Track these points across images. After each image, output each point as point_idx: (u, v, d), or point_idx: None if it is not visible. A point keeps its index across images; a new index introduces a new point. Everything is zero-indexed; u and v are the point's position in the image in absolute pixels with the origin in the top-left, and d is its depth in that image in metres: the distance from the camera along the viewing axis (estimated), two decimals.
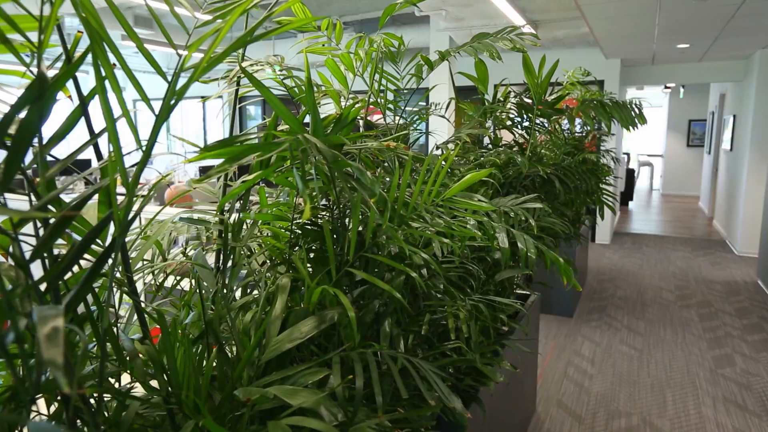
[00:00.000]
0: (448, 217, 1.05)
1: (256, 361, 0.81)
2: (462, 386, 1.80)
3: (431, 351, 1.17)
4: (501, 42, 1.55)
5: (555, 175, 2.16)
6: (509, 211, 1.39)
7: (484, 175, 0.94)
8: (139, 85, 0.61)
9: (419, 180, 0.88)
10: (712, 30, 5.12)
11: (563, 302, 4.58)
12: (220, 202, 0.70)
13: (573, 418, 2.97)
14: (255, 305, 0.94)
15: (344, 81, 1.30)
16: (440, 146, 1.74)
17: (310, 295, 0.85)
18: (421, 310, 1.16)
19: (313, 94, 0.83)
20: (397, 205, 0.85)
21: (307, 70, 0.84)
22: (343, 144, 0.79)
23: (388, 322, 1.00)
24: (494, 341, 1.78)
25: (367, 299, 1.09)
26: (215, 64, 0.58)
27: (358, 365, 0.80)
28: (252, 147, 0.62)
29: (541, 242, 1.80)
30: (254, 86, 0.80)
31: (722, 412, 3.03)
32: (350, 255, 0.86)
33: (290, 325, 0.88)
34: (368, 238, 0.90)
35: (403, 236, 1.19)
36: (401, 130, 2.05)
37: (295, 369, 0.80)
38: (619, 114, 1.99)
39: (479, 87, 2.48)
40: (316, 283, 0.92)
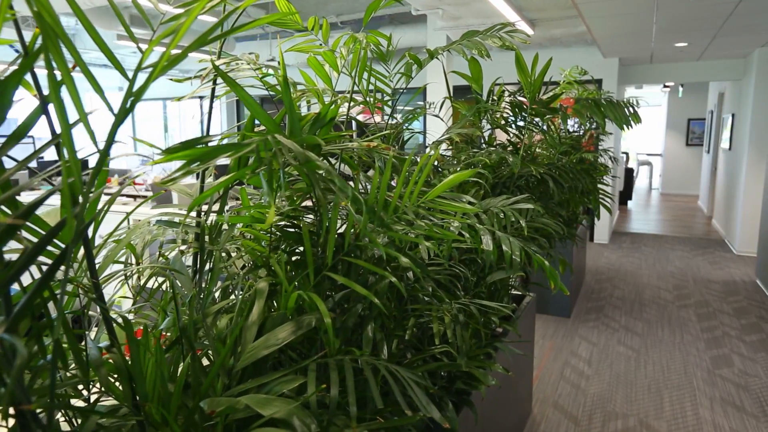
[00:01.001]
0: (433, 219, 1.03)
1: (231, 368, 0.78)
2: (455, 389, 1.78)
3: (418, 355, 1.15)
4: (490, 40, 1.53)
5: (549, 174, 2.13)
6: (499, 212, 1.37)
7: (467, 176, 0.91)
8: (96, 82, 0.58)
9: (399, 182, 0.85)
10: (710, 28, 5.09)
11: (560, 302, 4.56)
12: (190, 205, 0.67)
13: (569, 420, 2.95)
14: (232, 310, 0.92)
15: (328, 80, 1.27)
16: (429, 146, 1.71)
17: (287, 299, 0.83)
18: (408, 314, 1.13)
19: (289, 93, 0.81)
20: (377, 207, 0.83)
21: (282, 67, 0.81)
22: (318, 144, 0.77)
23: (371, 327, 0.97)
24: (486, 344, 1.76)
25: (351, 303, 1.06)
26: (175, 62, 0.55)
27: (333, 373, 0.78)
28: (216, 149, 0.59)
29: (534, 243, 1.77)
30: (227, 85, 0.78)
31: (719, 413, 3.01)
32: (329, 258, 0.84)
33: (267, 331, 0.86)
34: (347, 241, 0.87)
35: (389, 239, 1.17)
36: (392, 130, 2.02)
37: (271, 376, 0.77)
38: (613, 113, 1.97)
39: (473, 86, 2.46)
40: (296, 287, 0.90)
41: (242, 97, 0.77)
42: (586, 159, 4.08)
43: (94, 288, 0.69)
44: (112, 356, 0.70)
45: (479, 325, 1.60)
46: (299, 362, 0.85)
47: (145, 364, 0.72)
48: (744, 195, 6.56)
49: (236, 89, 0.77)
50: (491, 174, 2.13)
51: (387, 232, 0.85)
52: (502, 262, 1.86)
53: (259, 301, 0.85)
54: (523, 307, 2.73)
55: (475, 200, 1.76)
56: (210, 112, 0.89)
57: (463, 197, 1.33)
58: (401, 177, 0.85)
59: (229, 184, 0.71)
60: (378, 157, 1.14)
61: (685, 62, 7.43)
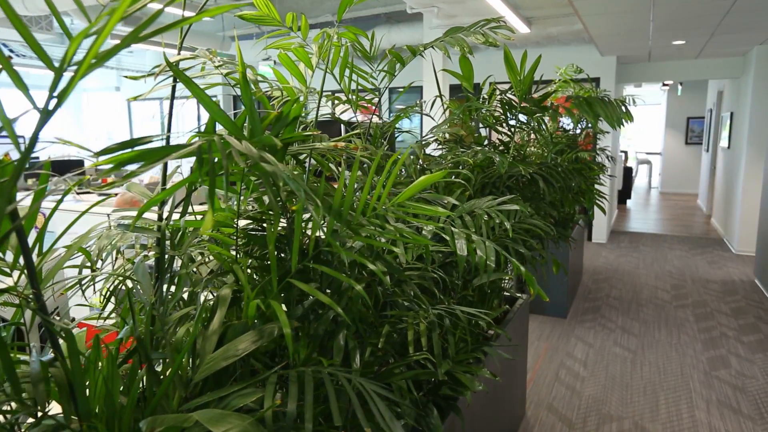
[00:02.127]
0: (411, 222, 0.99)
1: (188, 380, 0.74)
2: (442, 393, 1.74)
3: (396, 363, 1.11)
4: (474, 36, 1.48)
5: (539, 174, 2.09)
6: (482, 214, 1.32)
7: (437, 178, 0.87)
8: (19, 78, 0.54)
9: (366, 184, 0.81)
10: (708, 26, 5.04)
11: (557, 303, 4.52)
12: (139, 210, 0.63)
13: (563, 423, 2.91)
14: None
15: (301, 77, 1.23)
16: (412, 146, 1.67)
17: (248, 308, 0.79)
18: (383, 320, 1.09)
19: (248, 91, 0.77)
20: (343, 210, 0.79)
21: (241, 63, 0.77)
22: (276, 145, 0.73)
23: (342, 335, 0.93)
24: (473, 348, 1.72)
25: (325, 309, 1.02)
26: (105, 59, 0.51)
27: (293, 386, 0.74)
28: (151, 151, 0.55)
29: (522, 245, 1.73)
30: (183, 83, 0.74)
31: (716, 415, 2.97)
32: (293, 264, 0.80)
33: (228, 340, 0.82)
34: (311, 246, 0.83)
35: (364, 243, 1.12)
36: (380, 130, 1.98)
37: (229, 389, 0.74)
38: (604, 111, 1.92)
39: (464, 84, 2.42)
40: (263, 294, 0.86)
41: (197, 95, 0.73)
42: (582, 158, 4.04)
43: (35, 297, 0.65)
44: (54, 371, 0.66)
45: (462, 331, 1.56)
46: (263, 373, 0.81)
47: (94, 377, 0.68)
48: (743, 194, 6.51)
49: (191, 87, 0.73)
50: (480, 174, 2.09)
51: (354, 237, 0.81)
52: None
53: (221, 309, 0.81)
54: (516, 309, 2.69)
55: (461, 201, 1.72)
56: (170, 111, 0.85)
57: (445, 199, 1.29)
58: (368, 179, 0.81)
59: (181, 188, 0.67)
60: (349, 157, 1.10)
61: (683, 60, 7.38)
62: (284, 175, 0.59)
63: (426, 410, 1.58)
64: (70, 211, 3.39)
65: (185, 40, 7.12)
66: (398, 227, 0.84)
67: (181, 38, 0.84)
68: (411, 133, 2.00)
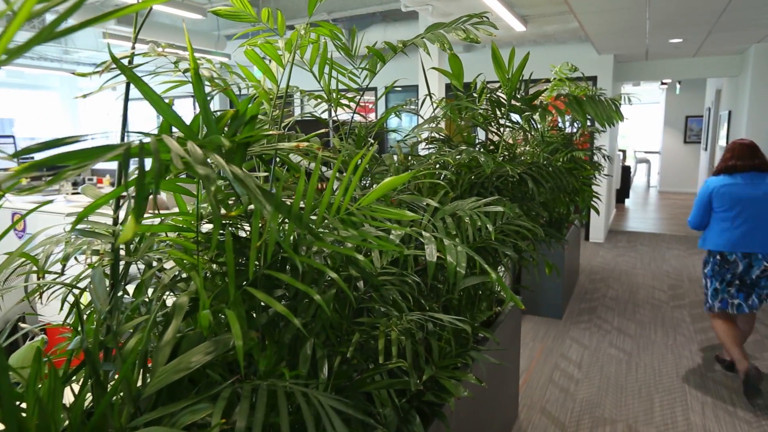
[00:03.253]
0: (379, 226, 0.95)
1: (138, 395, 0.70)
2: (425, 399, 1.70)
3: (371, 371, 1.07)
4: (454, 32, 1.44)
5: (528, 174, 2.05)
6: (465, 216, 1.28)
7: (402, 180, 0.83)
8: None
9: (328, 187, 0.77)
10: (705, 24, 5.00)
11: (552, 304, 4.48)
12: (79, 215, 0.59)
13: (556, 426, 2.87)
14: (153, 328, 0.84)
15: (271, 75, 1.19)
16: (393, 146, 1.63)
17: (204, 317, 0.75)
18: (358, 327, 1.05)
19: (202, 89, 0.72)
20: (303, 214, 0.75)
21: (192, 60, 0.73)
22: (229, 145, 0.69)
23: (310, 344, 0.89)
24: (457, 353, 1.67)
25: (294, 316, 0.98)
26: (13, 57, 0.47)
27: (244, 402, 0.69)
28: (69, 154, 0.51)
29: (510, 247, 1.69)
30: (129, 79, 0.69)
31: (711, 418, 2.93)
32: (249, 272, 0.76)
33: (182, 351, 0.78)
34: (269, 252, 0.79)
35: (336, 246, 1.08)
36: (367, 129, 1.94)
37: (180, 404, 0.69)
38: (594, 110, 1.88)
39: (453, 82, 2.37)
40: (222, 301, 0.82)
41: (144, 92, 0.69)
42: (578, 157, 4.00)
43: None
44: None
45: (447, 336, 1.52)
46: (219, 385, 0.77)
47: (33, 394, 0.64)
48: None
49: (138, 84, 0.69)
50: (468, 174, 2.05)
51: (315, 243, 0.77)
52: (475, 268, 1.78)
53: (176, 319, 0.77)
54: (507, 311, 2.65)
55: (445, 203, 1.68)
56: (125, 109, 0.81)
57: (424, 201, 1.25)
58: (330, 182, 0.77)
59: (123, 192, 0.63)
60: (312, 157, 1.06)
61: (681, 59, 7.34)
62: (246, 179, 0.55)
63: (408, 417, 1.54)
64: (56, 213, 3.35)
65: (177, 40, 7.06)
66: (364, 231, 0.80)
67: (136, 30, 0.80)
68: (398, 131, 1.95)
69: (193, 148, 0.60)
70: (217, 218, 0.55)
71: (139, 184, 0.48)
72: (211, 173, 0.52)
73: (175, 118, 0.69)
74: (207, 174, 0.52)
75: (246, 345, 0.76)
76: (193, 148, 0.60)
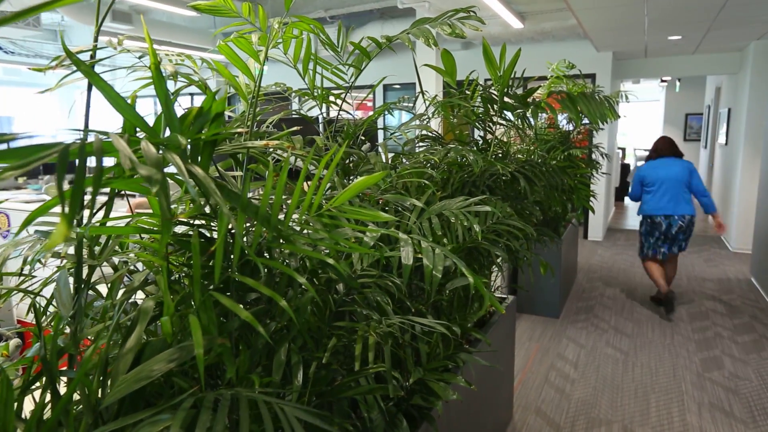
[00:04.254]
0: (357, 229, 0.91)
1: (97, 405, 0.67)
2: (413, 403, 1.67)
3: (351, 376, 1.04)
4: (440, 28, 1.41)
5: (520, 172, 2.02)
6: (451, 216, 1.25)
7: (375, 180, 0.80)
8: None
9: (297, 186, 0.74)
10: (704, 21, 4.96)
11: (550, 302, 4.45)
12: (25, 220, 0.56)
13: (550, 427, 2.84)
14: (117, 334, 0.81)
15: (247, 71, 1.16)
16: (378, 145, 1.59)
17: (166, 323, 0.72)
18: (335, 332, 1.02)
19: (164, 85, 0.69)
20: (272, 215, 0.72)
21: (152, 54, 0.70)
22: (186, 143, 0.66)
23: (284, 349, 0.86)
24: (446, 356, 1.64)
25: (269, 321, 0.95)
26: None
27: (204, 413, 0.66)
28: (7, 153, 0.48)
29: (500, 248, 1.66)
30: (83, 74, 0.66)
31: (707, 419, 2.90)
32: (215, 277, 0.73)
33: (145, 359, 0.75)
34: (237, 255, 0.76)
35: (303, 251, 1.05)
36: (356, 127, 1.90)
37: (140, 415, 0.66)
38: (587, 107, 1.85)
39: (446, 79, 2.34)
40: (191, 306, 0.79)
41: (102, 88, 0.66)
42: (575, 155, 3.96)
43: None
44: None
45: (437, 338, 1.49)
46: (197, 394, 0.74)
47: None
48: (740, 191, 6.44)
49: (95, 79, 0.65)
50: (460, 172, 2.01)
51: (283, 246, 0.73)
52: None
53: (141, 324, 0.74)
54: None
55: (433, 202, 1.65)
56: (87, 106, 0.78)
57: (408, 200, 1.22)
58: (299, 181, 0.73)
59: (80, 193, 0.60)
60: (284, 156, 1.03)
61: (680, 56, 7.29)
62: (205, 178, 0.52)
63: (395, 421, 1.51)
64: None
65: (173, 37, 7.02)
66: (335, 234, 0.77)
67: (98, 22, 0.77)
68: (387, 129, 1.92)
69: (148, 147, 0.57)
70: (167, 221, 0.52)
71: (77, 186, 0.45)
72: (155, 174, 0.49)
73: (135, 115, 0.66)
74: (150, 175, 0.49)
75: (214, 351, 0.73)
76: (147, 148, 0.57)
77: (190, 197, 0.88)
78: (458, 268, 2.08)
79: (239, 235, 0.70)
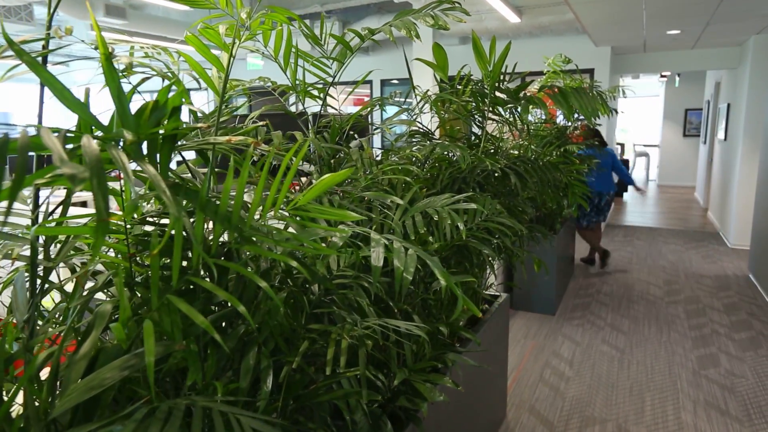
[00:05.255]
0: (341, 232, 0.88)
1: (44, 417, 0.64)
2: (399, 404, 1.64)
3: (326, 380, 1.00)
4: (422, 19, 1.37)
5: (511, 168, 1.98)
6: (433, 214, 1.22)
7: (341, 177, 0.76)
8: None
9: (259, 186, 0.70)
10: (703, 15, 4.90)
11: (546, 299, 4.41)
12: None
13: (544, 426, 2.81)
14: None
15: (218, 63, 1.12)
16: (361, 141, 1.56)
17: (118, 329, 0.68)
18: (307, 335, 0.99)
19: (116, 77, 0.66)
20: (232, 215, 0.68)
21: (101, 44, 0.66)
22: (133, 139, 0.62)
23: (253, 353, 0.83)
24: (432, 356, 1.61)
25: (239, 323, 0.92)
26: None
27: (155, 425, 0.63)
28: None
29: (488, 246, 1.62)
30: (27, 65, 0.62)
31: (702, 417, 2.87)
32: (174, 280, 0.69)
33: (100, 366, 0.71)
34: (195, 258, 0.73)
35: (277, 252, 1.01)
36: (341, 122, 1.86)
37: (86, 427, 0.63)
38: (579, 102, 1.81)
39: (438, 74, 2.30)
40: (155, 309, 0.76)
41: (47, 80, 0.62)
42: (571, 151, 3.92)
43: None
44: None
45: (415, 342, 1.46)
46: (157, 402, 0.70)
47: None
48: (738, 186, 6.40)
49: (38, 70, 0.62)
50: (449, 169, 1.97)
51: (244, 247, 0.70)
52: (452, 268, 1.71)
53: (96, 329, 0.70)
54: (494, 309, 2.59)
55: (418, 200, 1.61)
56: (41, 101, 0.74)
57: (388, 198, 1.18)
58: (261, 180, 0.70)
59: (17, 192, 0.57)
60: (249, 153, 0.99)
61: (679, 51, 7.24)
62: (155, 176, 0.48)
63: (380, 423, 1.48)
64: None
65: (168, 32, 6.97)
66: (298, 235, 0.73)
67: (50, 11, 0.73)
68: (373, 125, 1.88)
69: (89, 143, 0.53)
70: (102, 222, 0.48)
71: (15, 183, 0.42)
72: (79, 172, 0.45)
73: (82, 109, 0.62)
74: (74, 173, 0.45)
75: (173, 357, 0.70)
76: (87, 144, 0.53)
77: (155, 194, 0.85)
78: (453, 264, 2.04)
79: (198, 237, 0.67)
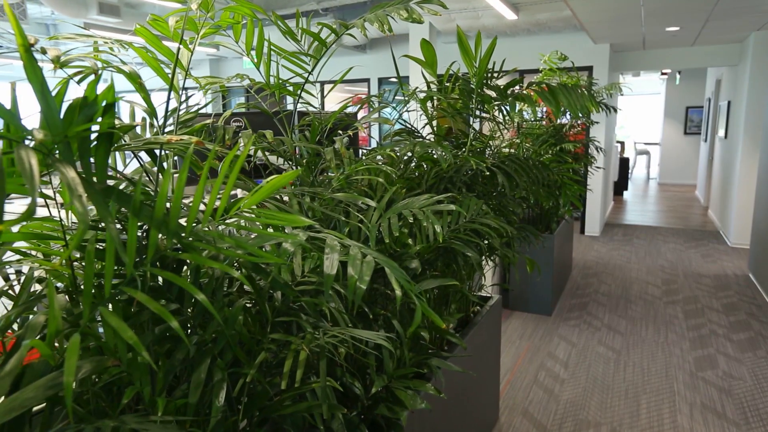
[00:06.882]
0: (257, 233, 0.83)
1: None
2: (378, 413, 1.59)
3: (288, 392, 0.95)
4: (396, 12, 1.32)
5: (499, 168, 1.92)
6: (408, 216, 1.16)
7: (288, 179, 0.71)
8: None
9: (199, 188, 0.65)
10: (702, 11, 4.83)
11: (542, 300, 4.36)
12: None
13: (537, 429, 2.76)
14: None
15: (168, 52, 1.07)
16: (336, 139, 1.50)
17: (40, 344, 0.63)
18: (263, 347, 0.94)
19: (38, 72, 0.61)
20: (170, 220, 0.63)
21: (19, 35, 0.61)
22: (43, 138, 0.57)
23: (204, 366, 0.78)
24: (414, 362, 1.56)
25: (193, 334, 0.87)
26: None
27: None
28: None
29: (471, 248, 1.57)
30: None
31: (698, 420, 2.81)
32: (106, 289, 0.65)
33: (26, 384, 0.67)
34: (130, 265, 0.68)
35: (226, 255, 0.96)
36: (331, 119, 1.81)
37: None
38: (567, 99, 1.75)
39: (427, 71, 2.24)
40: (92, 320, 0.71)
41: None
42: (567, 150, 3.86)
43: None
44: None
45: (408, 343, 1.41)
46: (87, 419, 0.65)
47: None
48: (738, 185, 6.33)
49: None
50: (434, 168, 1.92)
51: (183, 255, 0.65)
52: (435, 271, 1.66)
53: (26, 344, 0.66)
54: (485, 311, 2.54)
55: (396, 201, 1.56)
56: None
57: (359, 200, 1.13)
58: (201, 182, 0.65)
59: None
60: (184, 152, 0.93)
61: (679, 48, 7.16)
62: (73, 180, 0.43)
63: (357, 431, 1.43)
64: None
65: None
66: (243, 242, 0.69)
67: None
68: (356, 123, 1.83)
69: None
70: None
71: None
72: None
73: (4, 112, 0.57)
74: None
75: (108, 374, 0.65)
76: None
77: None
78: (439, 266, 1.99)
79: (131, 244, 0.62)
